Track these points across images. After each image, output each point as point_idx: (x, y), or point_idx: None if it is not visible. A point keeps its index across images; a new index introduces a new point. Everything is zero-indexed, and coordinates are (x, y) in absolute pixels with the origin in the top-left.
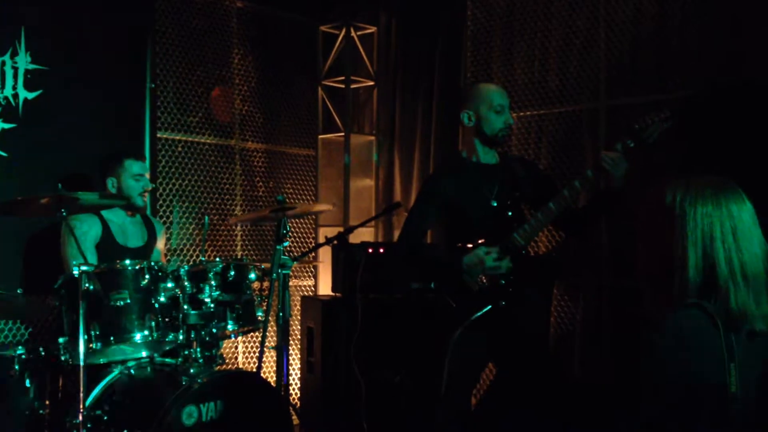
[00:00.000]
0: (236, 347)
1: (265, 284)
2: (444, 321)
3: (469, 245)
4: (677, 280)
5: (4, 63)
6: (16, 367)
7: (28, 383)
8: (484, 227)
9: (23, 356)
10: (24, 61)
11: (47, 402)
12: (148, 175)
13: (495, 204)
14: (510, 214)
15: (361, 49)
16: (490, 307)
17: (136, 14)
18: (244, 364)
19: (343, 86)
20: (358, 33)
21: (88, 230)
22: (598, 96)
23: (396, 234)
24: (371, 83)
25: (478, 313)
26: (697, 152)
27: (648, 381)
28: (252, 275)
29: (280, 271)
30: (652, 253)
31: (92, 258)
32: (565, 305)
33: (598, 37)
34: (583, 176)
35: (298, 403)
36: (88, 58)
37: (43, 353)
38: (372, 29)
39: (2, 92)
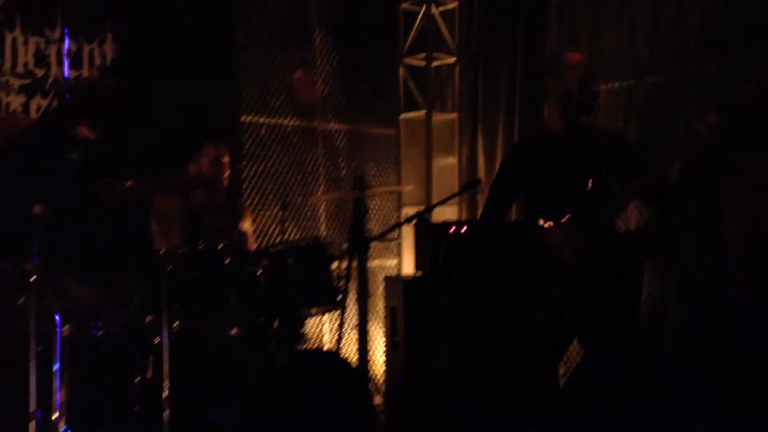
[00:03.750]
0: (322, 327)
1: (345, 264)
2: (528, 298)
3: (549, 223)
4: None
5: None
6: (107, 345)
7: (118, 363)
8: (567, 201)
9: (113, 336)
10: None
11: (137, 380)
12: (226, 159)
13: (578, 177)
14: (595, 188)
15: (443, 26)
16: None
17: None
18: (329, 342)
19: (424, 64)
20: (440, 9)
21: (172, 211)
22: (690, 64)
23: (480, 212)
24: (453, 60)
25: (561, 290)
26: None
27: None
28: (332, 255)
29: (359, 250)
30: (753, 227)
31: (177, 238)
32: (656, 283)
33: (691, 2)
34: (684, 162)
35: (382, 382)
36: (175, 45)
37: (131, 333)
38: (453, 5)
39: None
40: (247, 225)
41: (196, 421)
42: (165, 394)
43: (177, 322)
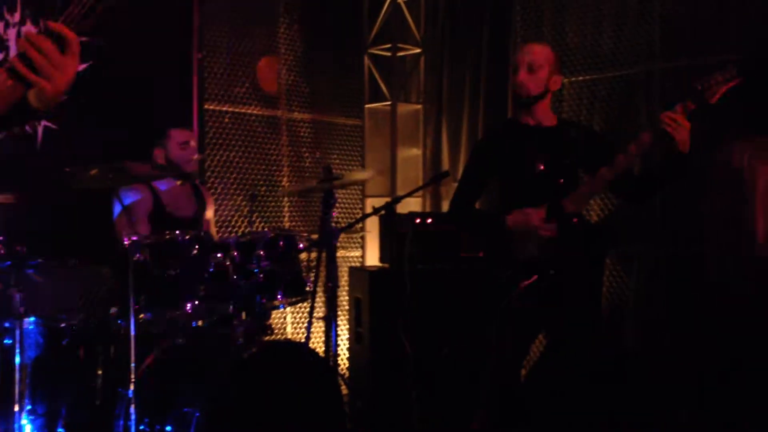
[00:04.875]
0: (285, 318)
1: (313, 255)
2: (493, 290)
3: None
4: (745, 240)
5: None
6: (69, 337)
7: (80, 353)
8: (533, 193)
9: (75, 326)
10: None
11: (99, 372)
12: (194, 142)
13: (543, 168)
14: (561, 179)
15: (408, 16)
16: (537, 277)
17: None
18: (293, 334)
19: (389, 54)
20: None
21: (138, 201)
22: (653, 58)
23: (444, 204)
24: (418, 50)
25: (526, 283)
26: (758, 114)
27: None
28: (300, 246)
29: (327, 241)
30: (719, 217)
31: (143, 228)
32: (617, 275)
33: None
34: (638, 139)
35: (347, 373)
36: (136, 30)
37: (95, 324)
38: None
39: None
40: (209, 214)
41: (162, 414)
42: (131, 387)
43: (142, 314)
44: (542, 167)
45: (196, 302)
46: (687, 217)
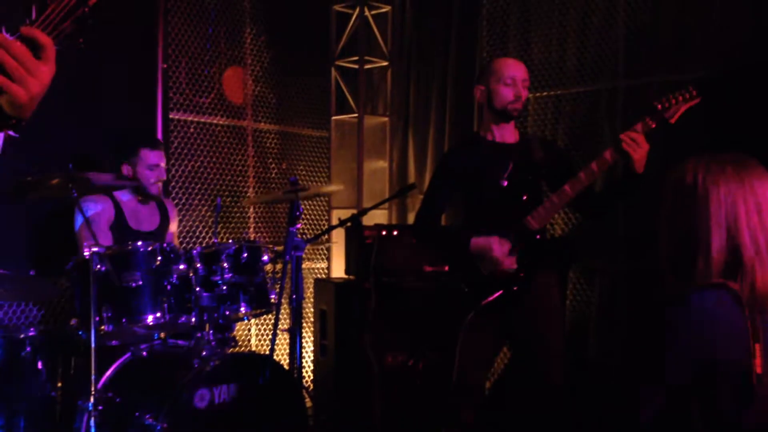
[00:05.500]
0: (249, 330)
1: (278, 266)
2: (457, 304)
3: (482, 229)
4: (701, 261)
5: None
6: (28, 348)
7: (40, 365)
8: (497, 208)
9: (35, 338)
10: None
11: (59, 384)
12: (164, 164)
13: (507, 184)
14: (524, 195)
15: (375, 29)
16: (501, 292)
17: None
18: (257, 346)
19: (356, 67)
20: (372, 12)
21: (100, 212)
22: (616, 76)
23: (410, 216)
24: (385, 64)
25: (490, 298)
26: (718, 133)
27: (672, 360)
28: (265, 257)
29: (293, 253)
30: (674, 235)
31: (105, 240)
32: (581, 288)
33: (617, 14)
34: (600, 158)
35: (311, 385)
36: (99, 36)
37: (55, 335)
38: (386, 8)
39: None
40: (173, 227)
41: (123, 427)
42: (91, 399)
43: (103, 326)
44: (506, 183)
45: (159, 314)
46: (647, 233)
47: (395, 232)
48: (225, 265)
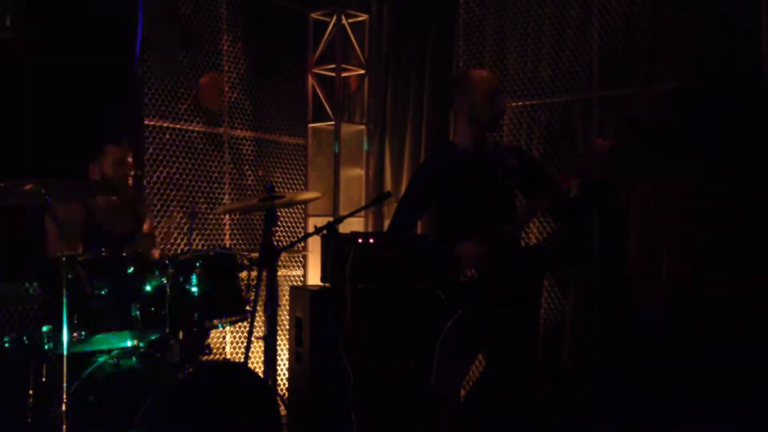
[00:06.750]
0: (224, 337)
1: (253, 273)
2: (433, 313)
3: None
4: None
5: None
6: None
7: (10, 372)
8: (474, 217)
9: (6, 345)
10: None
11: (30, 391)
12: (131, 159)
13: (485, 193)
14: (500, 203)
15: (353, 37)
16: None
17: None
18: (231, 354)
19: (333, 74)
20: (350, 20)
21: (72, 217)
22: (590, 86)
23: (386, 224)
24: (362, 71)
25: (452, 320)
26: (686, 144)
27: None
28: (240, 264)
29: (268, 260)
30: (644, 242)
31: (77, 245)
32: (555, 296)
33: (591, 27)
34: (556, 184)
35: (286, 393)
36: (73, 41)
37: (26, 342)
38: (363, 17)
39: None
40: (147, 227)
41: None
42: (63, 407)
43: (75, 333)
44: (481, 192)
45: (131, 321)
46: (619, 241)
47: (371, 240)
48: (199, 272)
